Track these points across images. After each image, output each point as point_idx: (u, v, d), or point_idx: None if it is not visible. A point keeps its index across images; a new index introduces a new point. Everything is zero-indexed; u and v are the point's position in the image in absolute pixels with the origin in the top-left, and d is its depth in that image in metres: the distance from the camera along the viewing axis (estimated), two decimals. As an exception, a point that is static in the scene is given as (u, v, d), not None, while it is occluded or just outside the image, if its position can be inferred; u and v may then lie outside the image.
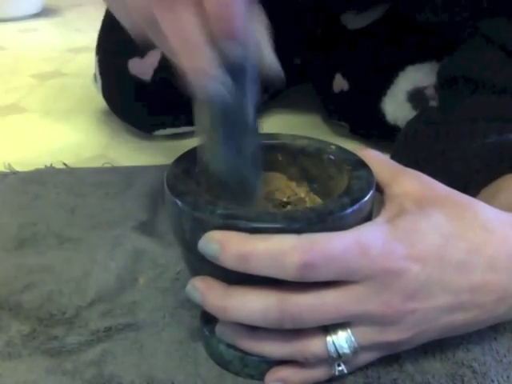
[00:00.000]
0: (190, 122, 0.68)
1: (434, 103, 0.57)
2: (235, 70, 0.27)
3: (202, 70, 0.26)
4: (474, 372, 0.32)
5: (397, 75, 0.60)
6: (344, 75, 0.65)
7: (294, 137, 0.36)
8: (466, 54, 0.48)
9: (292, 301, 0.27)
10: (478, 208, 0.30)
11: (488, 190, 0.37)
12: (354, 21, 0.64)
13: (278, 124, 0.72)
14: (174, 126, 0.68)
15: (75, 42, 1.22)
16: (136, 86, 0.65)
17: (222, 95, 0.26)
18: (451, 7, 0.49)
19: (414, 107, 0.60)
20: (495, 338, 0.35)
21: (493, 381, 0.32)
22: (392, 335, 0.29)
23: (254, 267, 0.26)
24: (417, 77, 0.60)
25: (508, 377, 0.32)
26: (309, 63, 0.71)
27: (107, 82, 0.69)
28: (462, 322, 0.29)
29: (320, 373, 0.30)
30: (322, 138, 0.36)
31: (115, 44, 0.68)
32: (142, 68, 0.65)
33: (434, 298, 0.28)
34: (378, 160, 0.33)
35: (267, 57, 0.28)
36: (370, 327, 0.28)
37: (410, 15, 0.57)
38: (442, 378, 0.32)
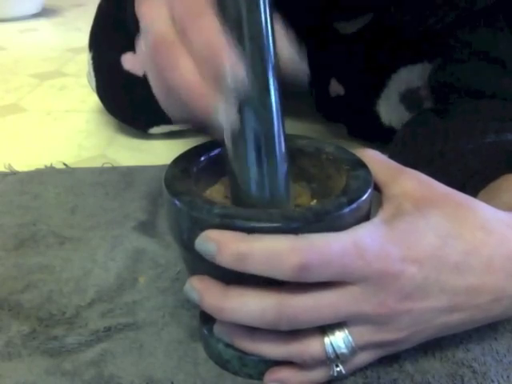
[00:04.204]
0: None
1: (427, 103, 0.57)
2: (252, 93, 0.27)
3: (208, 107, 0.26)
4: (474, 372, 0.32)
5: (389, 77, 0.61)
6: (339, 80, 0.65)
7: (293, 136, 0.35)
8: (456, 66, 0.48)
9: (289, 302, 0.27)
10: (478, 208, 0.30)
11: (488, 191, 0.37)
12: (345, 26, 0.64)
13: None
14: (168, 122, 0.68)
15: (75, 41, 1.22)
16: (129, 82, 0.65)
17: (231, 127, 0.27)
18: (428, 16, 0.50)
19: (408, 108, 0.60)
20: (495, 338, 0.35)
21: (493, 381, 0.32)
22: (388, 334, 0.29)
23: (251, 267, 0.26)
24: (409, 78, 0.60)
25: (508, 377, 0.32)
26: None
27: (101, 79, 0.69)
28: (458, 322, 0.29)
29: (319, 374, 0.30)
30: (320, 138, 0.36)
31: (108, 40, 0.68)
32: (135, 63, 0.64)
33: (430, 299, 0.28)
34: (376, 160, 0.33)
35: (286, 54, 0.28)
36: (367, 327, 0.28)
37: (393, 26, 0.58)
38: (441, 377, 0.32)
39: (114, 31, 0.68)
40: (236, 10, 0.26)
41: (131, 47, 0.64)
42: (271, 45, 0.27)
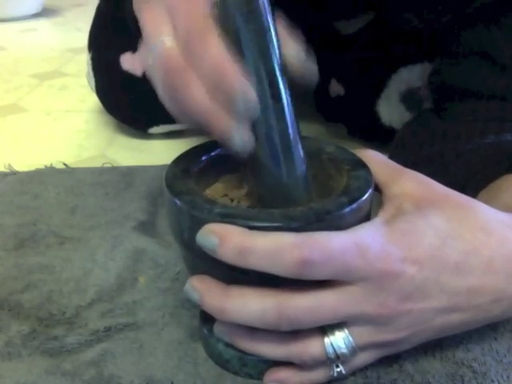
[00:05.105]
0: None
1: (427, 104, 0.57)
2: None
3: (224, 132, 0.27)
4: (474, 372, 0.32)
5: (389, 77, 0.61)
6: (339, 80, 0.65)
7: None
8: (455, 66, 0.48)
9: (289, 303, 0.27)
10: (478, 209, 0.30)
11: (488, 191, 0.37)
12: (346, 26, 0.64)
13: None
14: (167, 122, 0.68)
15: (75, 41, 1.22)
16: (128, 82, 0.65)
17: (247, 147, 0.28)
18: (428, 14, 0.50)
19: (408, 108, 0.60)
20: (495, 338, 0.35)
21: (493, 381, 0.32)
22: (388, 335, 0.29)
23: (253, 262, 0.26)
24: (409, 78, 0.60)
25: (508, 377, 0.32)
26: None
27: (100, 79, 0.69)
28: (458, 322, 0.29)
29: (319, 374, 0.30)
30: (320, 138, 0.36)
31: (107, 40, 0.68)
32: (134, 63, 0.64)
33: (430, 299, 0.28)
34: (377, 160, 0.33)
35: (292, 53, 0.28)
36: (367, 327, 0.28)
37: (393, 23, 0.58)
38: (441, 377, 0.32)
39: (112, 31, 0.68)
40: (233, 21, 0.26)
41: (130, 47, 0.64)
42: (276, 48, 0.27)
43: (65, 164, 0.61)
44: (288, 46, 0.28)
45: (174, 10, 0.27)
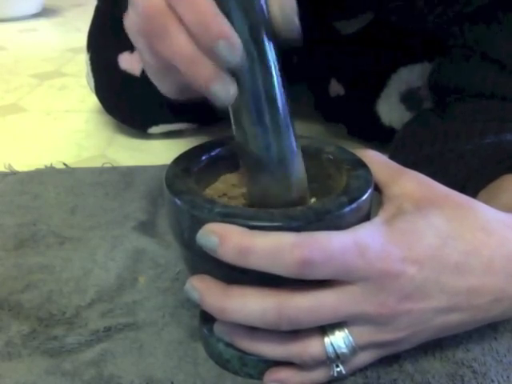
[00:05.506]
0: (183, 119, 0.68)
1: (427, 103, 0.57)
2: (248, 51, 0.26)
3: (207, 79, 0.26)
4: (474, 372, 0.32)
5: (389, 77, 0.61)
6: (339, 80, 0.65)
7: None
8: (455, 66, 0.48)
9: (289, 302, 0.27)
10: (478, 209, 0.30)
11: (488, 191, 0.37)
12: (346, 26, 0.64)
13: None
14: (166, 122, 0.68)
15: (75, 41, 1.22)
16: (126, 82, 0.65)
17: (230, 96, 0.26)
18: (427, 13, 0.50)
19: (408, 108, 0.60)
20: (495, 338, 0.35)
21: (493, 381, 0.32)
22: (388, 335, 0.29)
23: (253, 262, 0.26)
24: (409, 78, 0.60)
25: (508, 377, 0.32)
26: (305, 65, 0.71)
27: (99, 80, 0.69)
28: (457, 322, 0.29)
29: (319, 374, 0.30)
30: (320, 138, 0.36)
31: (105, 40, 0.68)
32: (132, 63, 0.64)
33: (430, 299, 0.28)
34: (377, 160, 0.33)
35: (276, 9, 0.27)
36: (367, 327, 0.28)
37: (392, 23, 0.58)
38: (442, 377, 0.32)
39: (110, 31, 0.68)
40: None
41: (128, 47, 0.64)
42: (262, 4, 0.26)
43: (65, 164, 0.61)
44: (273, 3, 0.27)
45: None
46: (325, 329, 0.28)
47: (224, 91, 0.26)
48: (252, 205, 0.32)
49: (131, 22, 0.27)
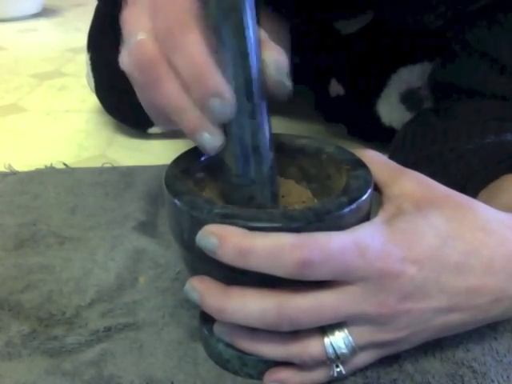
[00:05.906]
0: None
1: (427, 103, 0.57)
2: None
3: (195, 129, 0.27)
4: (474, 372, 0.32)
5: (389, 77, 0.61)
6: (339, 80, 0.65)
7: (293, 137, 0.35)
8: (455, 66, 0.48)
9: (289, 303, 0.27)
10: (478, 209, 0.30)
11: (488, 191, 0.37)
12: (346, 26, 0.64)
13: (277, 125, 0.72)
14: None
15: (75, 41, 1.22)
16: (126, 82, 0.65)
17: (217, 147, 0.28)
18: (426, 14, 0.50)
19: (408, 108, 0.60)
20: (495, 338, 0.35)
21: (493, 381, 0.32)
22: (388, 335, 0.29)
23: (253, 263, 0.26)
24: (409, 78, 0.60)
25: (508, 377, 0.32)
26: (305, 65, 0.71)
27: (99, 79, 0.69)
28: (457, 322, 0.29)
29: (319, 374, 0.30)
30: (320, 138, 0.36)
31: (105, 40, 0.68)
32: None
33: (429, 299, 0.28)
34: (377, 160, 0.33)
35: (271, 64, 0.28)
36: (367, 327, 0.28)
37: (392, 24, 0.58)
38: (442, 377, 0.32)
39: (110, 31, 0.68)
40: (214, 18, 0.26)
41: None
42: (254, 50, 0.27)
43: (65, 164, 0.61)
44: (268, 54, 0.27)
45: (155, 6, 0.26)
46: (325, 329, 0.28)
47: (211, 142, 0.27)
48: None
49: (125, 62, 0.28)
